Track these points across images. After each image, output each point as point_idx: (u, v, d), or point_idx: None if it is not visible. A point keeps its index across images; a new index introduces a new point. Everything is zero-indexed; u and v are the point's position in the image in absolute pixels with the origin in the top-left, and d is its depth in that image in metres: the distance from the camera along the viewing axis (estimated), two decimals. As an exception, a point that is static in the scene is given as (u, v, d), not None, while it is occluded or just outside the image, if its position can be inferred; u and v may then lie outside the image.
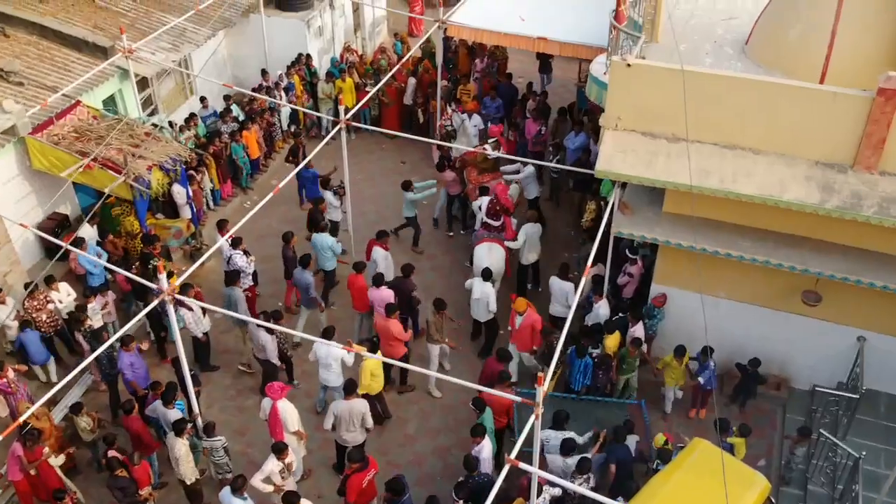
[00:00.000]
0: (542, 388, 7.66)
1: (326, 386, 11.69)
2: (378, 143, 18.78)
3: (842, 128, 10.13)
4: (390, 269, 13.61)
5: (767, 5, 12.72)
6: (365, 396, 10.94)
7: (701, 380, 11.63)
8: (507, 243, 13.38)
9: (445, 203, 15.84)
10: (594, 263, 12.65)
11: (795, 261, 10.67)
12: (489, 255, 12.81)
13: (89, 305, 12.00)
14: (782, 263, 10.68)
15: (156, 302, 9.32)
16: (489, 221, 13.31)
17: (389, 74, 16.31)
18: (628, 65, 10.57)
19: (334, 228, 15.03)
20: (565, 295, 12.47)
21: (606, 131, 11.15)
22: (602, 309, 11.91)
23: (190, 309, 12.22)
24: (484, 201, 13.53)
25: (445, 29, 16.33)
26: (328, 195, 14.80)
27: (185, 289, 11.33)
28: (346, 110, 18.42)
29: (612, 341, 11.36)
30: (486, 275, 12.38)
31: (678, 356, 11.52)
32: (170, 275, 9.72)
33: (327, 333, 11.16)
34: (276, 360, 12.05)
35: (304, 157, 15.88)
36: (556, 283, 12.62)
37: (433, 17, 17.20)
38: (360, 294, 12.80)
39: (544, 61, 20.07)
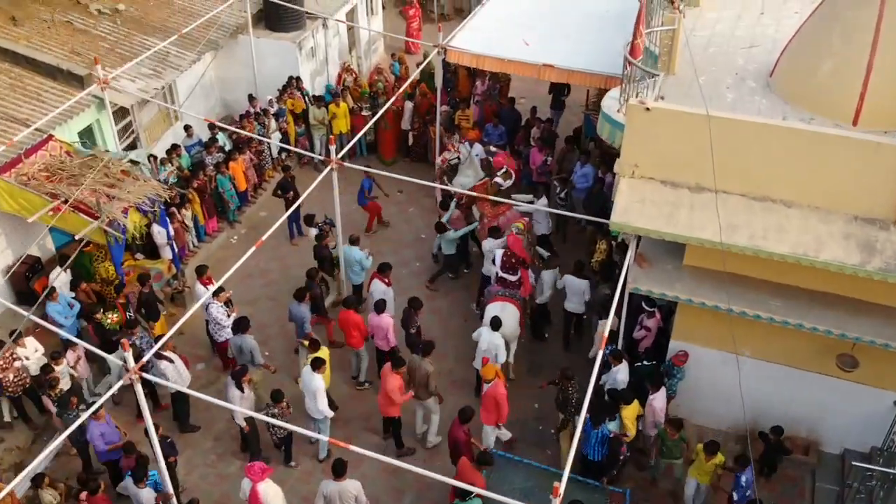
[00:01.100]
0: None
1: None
2: (374, 169, 17.74)
3: (885, 180, 9.16)
4: (391, 305, 12.68)
5: (794, 36, 11.74)
6: None
7: (735, 496, 10.10)
8: (537, 299, 12.81)
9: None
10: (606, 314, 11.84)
11: (831, 324, 9.70)
12: (502, 314, 11.78)
13: (57, 368, 11.01)
14: (817, 327, 9.71)
15: (119, 384, 8.34)
16: (505, 276, 12.31)
17: (389, 103, 15.25)
18: (647, 109, 9.60)
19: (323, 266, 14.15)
20: (581, 292, 12.56)
21: (622, 179, 10.17)
22: (620, 374, 10.84)
23: (170, 361, 11.31)
24: (498, 253, 12.50)
25: (445, 54, 15.33)
26: (312, 232, 13.86)
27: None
28: (340, 143, 17.60)
29: (630, 412, 10.35)
30: (496, 324, 11.42)
31: (709, 453, 10.13)
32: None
33: (315, 363, 10.74)
34: (239, 421, 11.06)
35: (295, 190, 14.95)
36: (571, 281, 12.54)
37: (432, 33, 16.25)
38: (354, 330, 12.16)
39: (557, 97, 18.50)
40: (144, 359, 8.56)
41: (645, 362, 11.32)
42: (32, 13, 15.59)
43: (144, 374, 8.35)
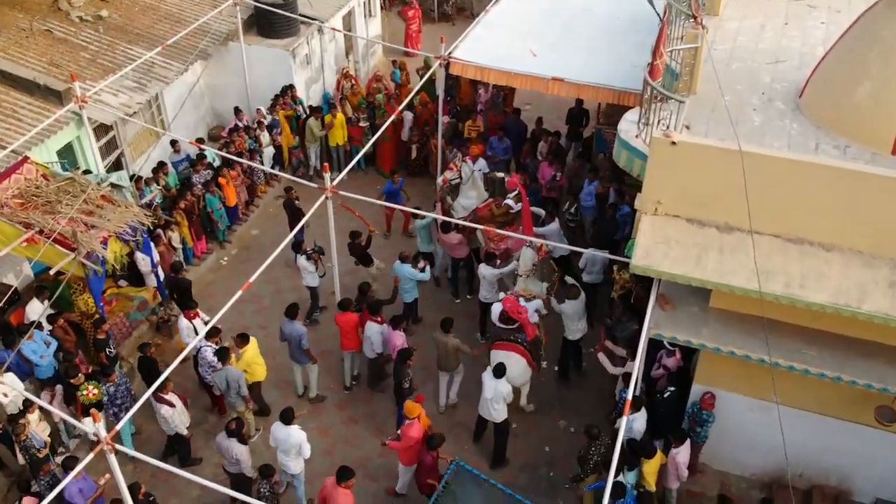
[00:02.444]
0: None
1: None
2: (371, 184, 16.89)
3: (935, 223, 8.33)
4: (387, 345, 11.89)
5: (826, 55, 10.88)
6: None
7: None
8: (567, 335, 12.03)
9: (450, 268, 14.01)
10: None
11: (872, 377, 8.88)
12: (507, 364, 10.87)
13: (29, 416, 10.19)
14: (856, 381, 8.89)
15: (92, 455, 7.52)
16: (502, 326, 11.43)
17: (390, 119, 14.30)
18: (673, 143, 8.73)
19: (314, 296, 13.33)
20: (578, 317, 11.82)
21: (644, 216, 9.31)
22: (637, 423, 10.03)
23: (171, 405, 10.68)
24: (496, 308, 11.62)
25: (448, 65, 14.43)
26: (301, 260, 12.96)
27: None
28: (337, 156, 16.74)
29: (652, 467, 9.54)
30: (499, 371, 10.58)
31: None
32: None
33: (286, 416, 9.98)
34: (250, 473, 10.29)
35: (299, 211, 13.98)
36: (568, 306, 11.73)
37: (433, 34, 15.36)
38: (349, 330, 11.84)
39: (574, 128, 16.81)
40: (119, 425, 7.73)
41: (670, 389, 10.56)
42: (10, 21, 14.68)
43: (118, 447, 7.53)
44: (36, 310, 11.65)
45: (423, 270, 12.64)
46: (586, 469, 9.99)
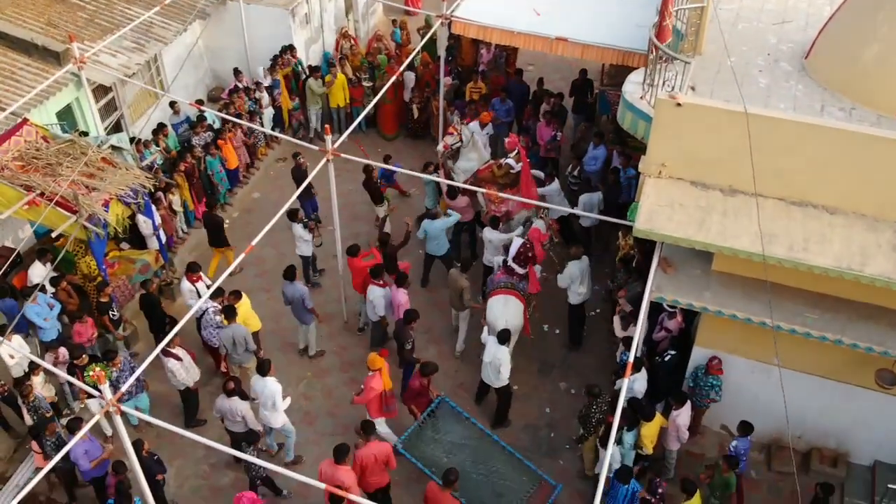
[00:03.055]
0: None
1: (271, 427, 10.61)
2: (374, 145, 16.78)
3: (941, 186, 8.29)
4: (389, 309, 11.92)
5: (832, 16, 10.73)
6: None
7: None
8: (570, 299, 11.94)
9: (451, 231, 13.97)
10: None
11: (874, 340, 8.91)
12: (505, 309, 10.99)
13: (34, 378, 10.26)
14: (857, 343, 8.93)
15: (97, 416, 7.60)
16: (514, 267, 11.39)
17: (392, 79, 14.08)
18: (678, 104, 8.65)
19: (307, 265, 13.28)
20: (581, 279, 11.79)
21: (648, 179, 9.27)
22: (638, 383, 10.06)
23: (178, 359, 10.77)
24: (516, 242, 11.58)
25: (450, 25, 14.23)
26: (297, 228, 12.80)
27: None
28: (338, 117, 16.57)
29: (651, 430, 9.63)
30: (503, 337, 10.62)
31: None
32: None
33: (262, 368, 10.12)
34: (257, 427, 10.37)
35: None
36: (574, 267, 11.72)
37: (435, 9, 15.08)
38: (360, 273, 11.92)
39: (580, 99, 16.28)
40: (123, 388, 7.78)
41: (671, 352, 10.62)
42: (4, -20, 14.43)
43: (123, 407, 7.60)
44: (38, 272, 11.65)
45: (449, 215, 12.87)
46: (588, 427, 10.07)
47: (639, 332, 10.15)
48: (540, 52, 17.77)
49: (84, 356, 10.43)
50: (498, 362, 10.62)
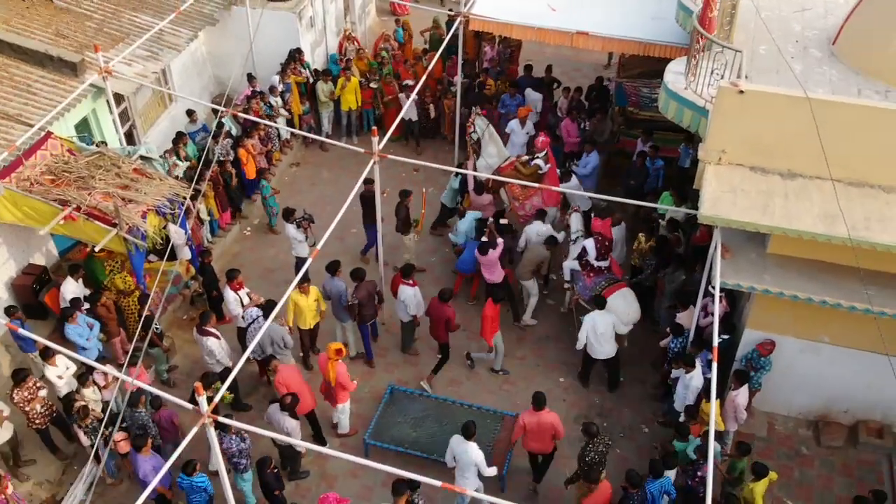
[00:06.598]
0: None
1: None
2: (385, 147, 16.61)
3: None
4: (421, 308, 11.92)
5: (860, 2, 11.05)
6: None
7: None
8: None
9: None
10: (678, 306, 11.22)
11: (930, 313, 9.22)
12: (628, 304, 11.28)
13: (86, 391, 10.01)
14: (917, 316, 9.22)
15: (195, 428, 7.44)
16: (599, 264, 11.63)
17: (417, 92, 13.96)
18: (741, 91, 8.83)
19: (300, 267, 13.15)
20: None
21: (708, 166, 9.44)
22: (695, 380, 10.17)
23: (217, 337, 10.76)
24: (589, 243, 11.73)
25: (466, 22, 14.26)
26: (290, 229, 12.65)
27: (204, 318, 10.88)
28: (349, 120, 16.38)
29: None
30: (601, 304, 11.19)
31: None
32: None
33: (467, 431, 9.32)
34: (300, 448, 10.22)
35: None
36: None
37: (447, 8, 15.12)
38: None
39: (601, 103, 15.83)
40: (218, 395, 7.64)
41: (723, 336, 10.74)
42: (6, -9, 14.01)
43: (220, 419, 7.49)
44: (71, 289, 11.36)
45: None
46: (581, 468, 9.65)
47: (695, 319, 10.40)
48: (537, 48, 18.09)
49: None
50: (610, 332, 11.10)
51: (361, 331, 12.08)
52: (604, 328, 10.98)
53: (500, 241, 12.22)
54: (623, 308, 11.26)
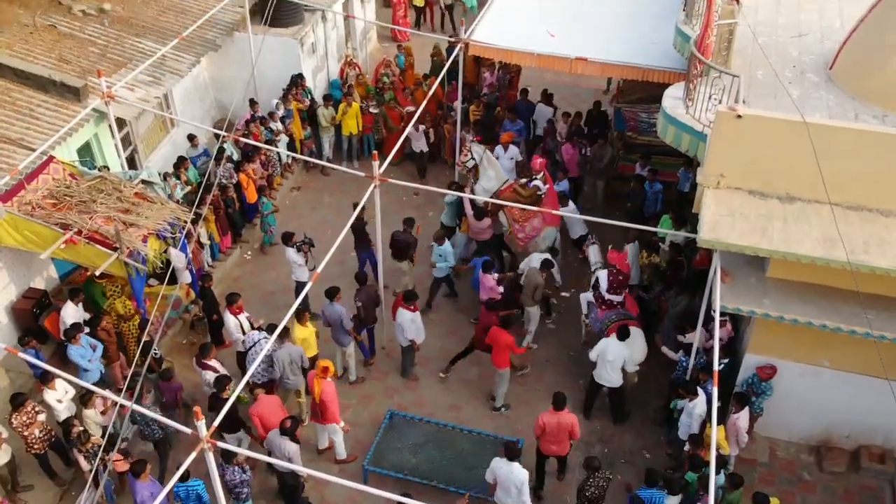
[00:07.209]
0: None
1: None
2: (386, 172, 16.69)
3: None
4: (420, 333, 11.91)
5: (856, 28, 11.16)
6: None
7: None
8: None
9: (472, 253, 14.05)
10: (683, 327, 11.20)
11: (931, 337, 9.21)
12: (632, 342, 11.05)
13: (87, 412, 9.98)
14: (918, 340, 9.22)
15: (194, 454, 7.40)
16: (612, 298, 11.49)
17: (422, 107, 14.00)
18: (739, 116, 8.90)
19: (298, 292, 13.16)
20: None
21: (707, 190, 9.48)
22: (698, 408, 10.13)
23: (215, 371, 10.77)
24: (601, 275, 11.68)
25: (466, 48, 14.40)
26: (290, 252, 12.62)
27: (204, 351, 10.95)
28: (350, 145, 16.51)
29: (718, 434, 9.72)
30: (623, 334, 10.89)
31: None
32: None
33: (511, 453, 9.32)
34: (300, 473, 10.13)
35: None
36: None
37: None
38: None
39: (600, 129, 16.00)
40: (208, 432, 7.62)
41: (723, 361, 10.70)
42: (10, 17, 14.14)
43: (220, 444, 7.46)
44: (71, 313, 11.37)
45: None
46: (582, 501, 9.59)
47: (696, 343, 10.39)
48: (535, 74, 18.23)
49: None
50: (620, 360, 10.96)
51: (361, 333, 12.14)
52: (613, 357, 10.86)
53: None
54: (620, 351, 10.99)
